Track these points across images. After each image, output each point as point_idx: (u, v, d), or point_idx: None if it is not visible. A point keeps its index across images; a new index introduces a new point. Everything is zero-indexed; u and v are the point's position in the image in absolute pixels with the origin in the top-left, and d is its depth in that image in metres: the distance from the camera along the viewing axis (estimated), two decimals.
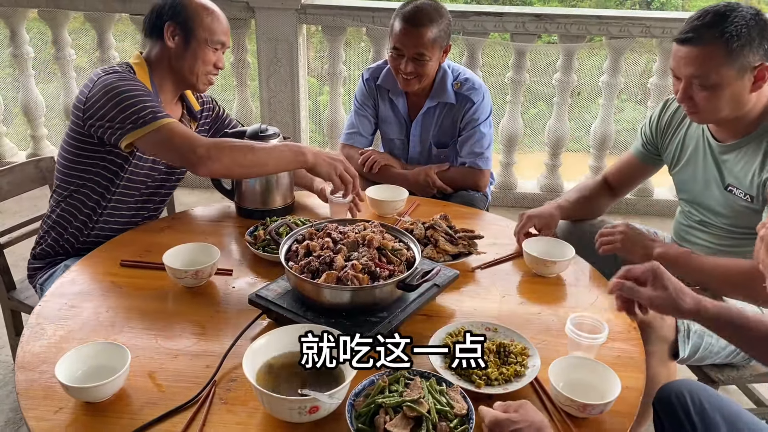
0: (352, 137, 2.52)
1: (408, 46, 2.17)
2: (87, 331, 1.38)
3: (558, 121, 3.67)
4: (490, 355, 1.28)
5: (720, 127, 1.71)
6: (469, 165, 2.38)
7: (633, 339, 1.42)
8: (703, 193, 1.79)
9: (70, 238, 1.85)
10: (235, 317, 1.45)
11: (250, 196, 1.92)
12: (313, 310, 1.35)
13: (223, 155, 1.65)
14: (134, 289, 1.55)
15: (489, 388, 1.22)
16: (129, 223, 1.89)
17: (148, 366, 1.28)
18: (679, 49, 1.58)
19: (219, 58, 1.85)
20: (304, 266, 1.37)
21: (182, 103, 1.95)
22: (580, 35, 3.44)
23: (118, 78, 1.70)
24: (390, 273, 1.37)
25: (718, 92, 1.55)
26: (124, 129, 1.66)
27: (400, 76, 2.25)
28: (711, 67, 1.53)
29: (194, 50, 1.79)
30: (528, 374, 1.25)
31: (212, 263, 1.54)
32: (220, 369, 1.26)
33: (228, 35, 1.86)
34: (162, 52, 1.82)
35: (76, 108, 1.75)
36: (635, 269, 1.27)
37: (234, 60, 3.72)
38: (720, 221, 1.76)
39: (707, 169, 1.77)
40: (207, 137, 2.01)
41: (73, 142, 1.78)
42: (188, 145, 1.65)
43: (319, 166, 1.76)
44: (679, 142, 1.85)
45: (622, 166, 2.04)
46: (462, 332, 1.34)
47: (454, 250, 1.68)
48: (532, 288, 1.63)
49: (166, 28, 1.78)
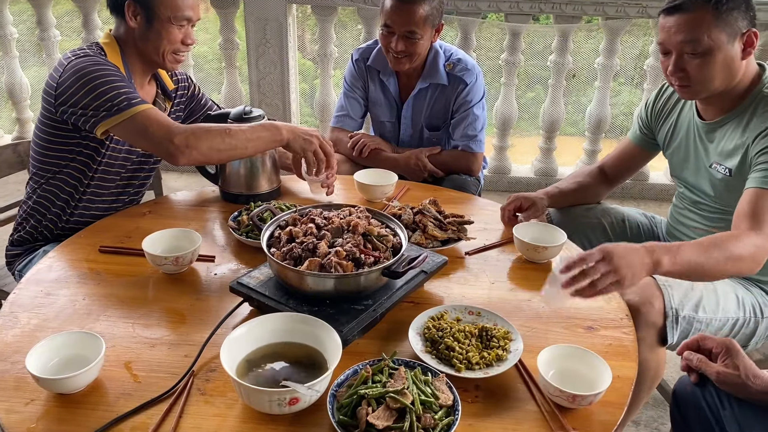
0: (342, 120, 2.46)
1: (399, 23, 2.11)
2: (62, 319, 1.34)
3: (553, 104, 3.61)
4: (472, 339, 1.25)
5: (708, 105, 1.70)
6: (462, 148, 2.33)
7: (625, 327, 1.39)
8: (694, 173, 1.78)
9: (48, 224, 1.80)
10: (216, 305, 1.41)
11: (235, 180, 1.87)
12: (295, 298, 1.31)
13: (201, 142, 1.59)
14: (113, 275, 1.50)
15: (469, 372, 1.19)
16: (109, 208, 1.84)
17: (125, 356, 1.24)
18: (668, 19, 1.57)
19: (187, 34, 1.76)
20: (287, 253, 1.33)
21: (156, 82, 1.89)
22: (575, 15, 3.37)
23: (90, 62, 1.63)
24: (375, 260, 1.33)
25: (711, 58, 1.54)
26: (98, 117, 1.60)
27: (390, 54, 2.19)
28: (702, 30, 1.52)
29: (158, 30, 1.70)
30: (510, 358, 1.22)
31: (193, 249, 1.49)
32: (198, 359, 1.22)
33: (196, 8, 1.75)
34: (127, 32, 1.74)
35: (47, 93, 1.69)
36: (710, 341, 1.29)
37: (222, 41, 3.64)
38: (710, 201, 1.74)
39: (697, 149, 1.76)
40: (182, 120, 1.96)
41: (46, 128, 1.72)
42: (164, 135, 1.58)
43: (293, 142, 1.71)
44: (671, 125, 1.84)
45: (619, 154, 2.01)
46: (443, 316, 1.33)
47: (443, 235, 1.64)
48: (523, 274, 1.59)
49: (126, 7, 1.69)
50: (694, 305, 1.56)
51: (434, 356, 1.22)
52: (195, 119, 2.03)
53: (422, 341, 1.26)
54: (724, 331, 1.60)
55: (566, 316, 1.41)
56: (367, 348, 1.27)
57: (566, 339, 1.33)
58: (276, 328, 1.21)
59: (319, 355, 1.18)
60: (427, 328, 1.28)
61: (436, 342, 1.24)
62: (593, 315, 1.41)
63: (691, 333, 1.56)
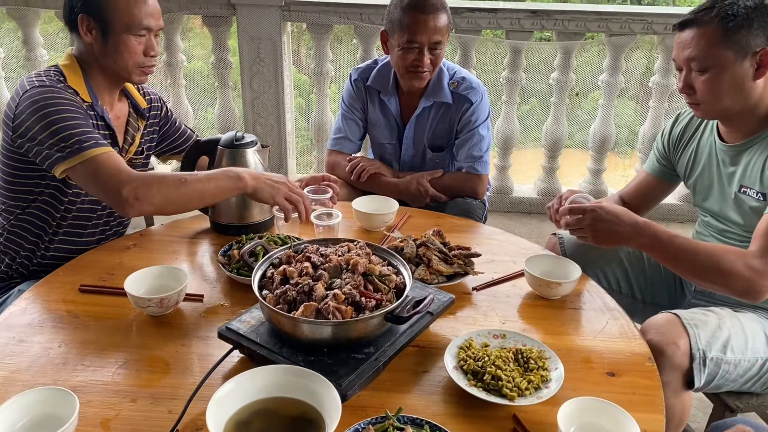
0: (340, 142, 2.36)
1: (425, 35, 2.02)
2: (35, 371, 1.22)
3: (555, 123, 3.52)
4: (510, 363, 1.21)
5: (730, 128, 1.63)
6: (467, 170, 2.23)
7: (648, 371, 1.28)
8: (719, 201, 1.69)
9: (23, 260, 1.69)
10: (204, 351, 1.30)
11: (226, 210, 1.76)
12: (290, 346, 1.20)
13: (152, 193, 1.48)
14: (93, 318, 1.39)
15: (522, 399, 1.15)
16: (91, 241, 1.73)
17: (102, 413, 1.13)
18: (678, 35, 1.56)
19: (149, 45, 1.63)
20: (280, 296, 1.21)
21: (128, 100, 1.77)
22: (578, 32, 3.30)
23: (45, 94, 1.51)
24: (377, 303, 1.22)
25: (717, 76, 1.50)
26: (53, 158, 1.49)
27: (411, 72, 2.09)
28: (706, 46, 1.49)
29: (115, 43, 1.58)
30: (554, 377, 1.20)
31: (179, 290, 1.38)
32: (184, 415, 1.10)
33: (156, 16, 1.63)
34: (87, 49, 1.62)
35: (5, 123, 1.57)
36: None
37: (215, 60, 3.55)
38: (738, 229, 1.65)
39: (720, 175, 1.67)
40: (156, 143, 1.86)
41: (9, 160, 1.61)
42: (113, 184, 1.47)
43: (260, 191, 1.60)
44: (691, 153, 1.76)
45: (637, 186, 1.92)
46: (471, 344, 1.29)
47: (448, 270, 1.53)
48: (536, 312, 1.48)
49: (79, 21, 1.57)
50: (722, 345, 1.45)
51: (482, 388, 1.17)
52: (169, 144, 1.92)
53: (462, 375, 1.21)
54: (753, 371, 1.49)
55: (584, 359, 1.31)
56: (368, 401, 1.16)
57: (586, 387, 1.22)
58: (268, 382, 1.09)
59: (316, 413, 1.06)
60: (463, 360, 1.23)
61: (478, 373, 1.20)
62: (614, 359, 1.31)
63: (718, 375, 1.45)
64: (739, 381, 1.53)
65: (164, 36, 3.51)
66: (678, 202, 3.60)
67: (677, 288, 1.85)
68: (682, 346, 1.42)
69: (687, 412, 1.47)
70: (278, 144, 3.65)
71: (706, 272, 1.45)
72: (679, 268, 1.51)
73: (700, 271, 1.46)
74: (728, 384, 1.52)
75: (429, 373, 1.25)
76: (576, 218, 1.52)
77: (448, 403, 1.18)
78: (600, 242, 1.52)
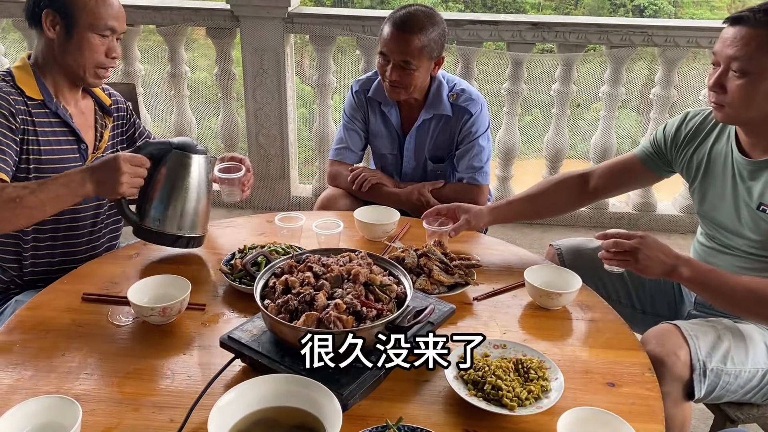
0: (341, 153, 2.38)
1: (395, 51, 2.05)
2: (38, 379, 1.23)
3: (557, 134, 3.54)
4: (510, 373, 1.22)
5: (751, 138, 1.56)
6: (467, 181, 2.25)
7: (648, 382, 1.28)
8: (731, 215, 1.62)
9: (11, 272, 1.69)
10: (206, 360, 1.31)
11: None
12: (291, 354, 1.20)
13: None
14: (96, 327, 1.40)
15: (522, 409, 1.16)
16: (82, 250, 1.74)
17: (105, 422, 1.13)
18: (727, 30, 1.47)
19: (111, 46, 1.62)
20: (282, 305, 1.23)
21: (92, 98, 1.76)
22: (579, 44, 3.32)
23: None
24: (378, 313, 1.23)
25: (754, 82, 1.42)
26: None
27: (386, 82, 2.13)
28: (754, 50, 1.40)
29: (78, 40, 1.58)
30: (555, 387, 1.20)
31: (182, 299, 1.39)
32: (186, 424, 1.11)
33: (120, 20, 1.63)
34: (47, 46, 1.62)
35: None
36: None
37: (218, 71, 3.58)
38: (748, 244, 1.60)
39: (736, 188, 1.61)
40: (123, 145, 1.84)
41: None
42: None
43: (100, 188, 1.48)
44: (702, 157, 1.68)
45: (616, 164, 1.85)
46: None
47: (449, 280, 1.54)
48: (536, 323, 1.48)
49: (44, 16, 1.58)
50: (722, 356, 1.45)
51: (482, 398, 1.18)
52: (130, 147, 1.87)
53: (463, 385, 1.21)
54: (753, 382, 1.49)
55: (584, 370, 1.31)
56: (369, 410, 1.16)
57: (586, 397, 1.23)
58: (269, 391, 1.10)
59: (317, 422, 1.07)
60: (463, 370, 1.24)
61: (479, 383, 1.20)
62: (613, 369, 1.31)
63: (719, 386, 1.45)
64: (740, 392, 1.52)
65: (168, 47, 3.55)
66: (680, 213, 3.60)
67: (677, 298, 1.84)
68: (682, 356, 1.42)
69: (687, 423, 1.47)
70: (281, 154, 3.67)
71: (750, 308, 1.45)
72: (724, 305, 1.49)
73: (744, 308, 1.46)
74: (729, 395, 1.52)
75: (430, 383, 1.25)
76: (621, 243, 1.46)
77: (449, 412, 1.18)
78: (642, 268, 1.46)
